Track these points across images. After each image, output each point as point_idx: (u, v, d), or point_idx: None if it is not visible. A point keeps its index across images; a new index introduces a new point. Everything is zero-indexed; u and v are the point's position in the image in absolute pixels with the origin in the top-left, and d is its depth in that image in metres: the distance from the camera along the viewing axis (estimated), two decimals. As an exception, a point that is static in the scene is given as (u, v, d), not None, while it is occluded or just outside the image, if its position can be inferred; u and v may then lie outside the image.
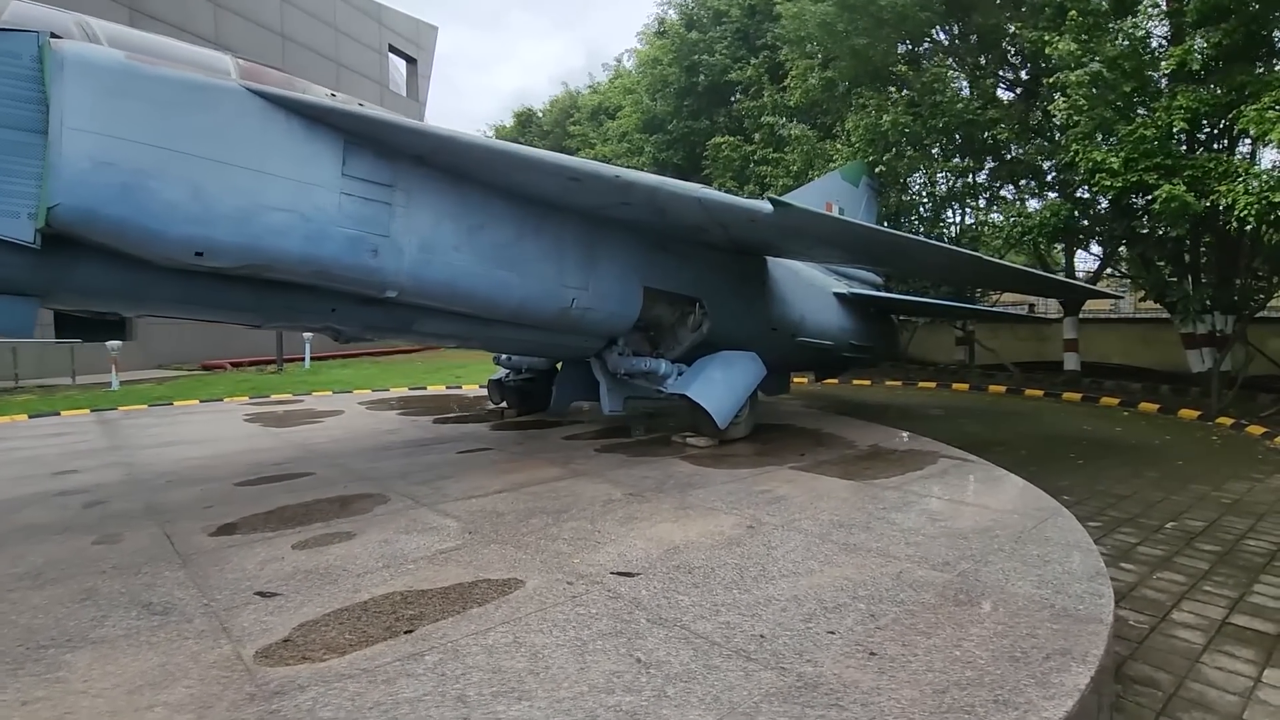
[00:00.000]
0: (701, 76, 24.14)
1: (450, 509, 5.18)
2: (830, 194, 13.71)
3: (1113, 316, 23.26)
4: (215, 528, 4.76)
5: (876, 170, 14.78)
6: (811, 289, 11.13)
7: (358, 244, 5.49)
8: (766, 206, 6.51)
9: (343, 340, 6.76)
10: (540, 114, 47.47)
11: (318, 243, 5.26)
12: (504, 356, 10.05)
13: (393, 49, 35.26)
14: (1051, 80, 12.15)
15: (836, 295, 11.87)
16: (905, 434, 8.68)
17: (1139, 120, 11.31)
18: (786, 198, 14.57)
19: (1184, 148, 12.57)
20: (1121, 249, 16.21)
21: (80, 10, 4.82)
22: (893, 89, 14.35)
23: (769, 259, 9.71)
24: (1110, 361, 19.43)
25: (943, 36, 16.71)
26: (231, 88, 4.87)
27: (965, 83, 16.53)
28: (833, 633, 3.11)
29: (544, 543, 4.40)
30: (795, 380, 17.77)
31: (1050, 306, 24.53)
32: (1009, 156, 15.87)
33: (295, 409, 11.32)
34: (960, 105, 13.47)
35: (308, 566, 3.98)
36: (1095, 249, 17.73)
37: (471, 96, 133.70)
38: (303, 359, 22.72)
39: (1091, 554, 4.20)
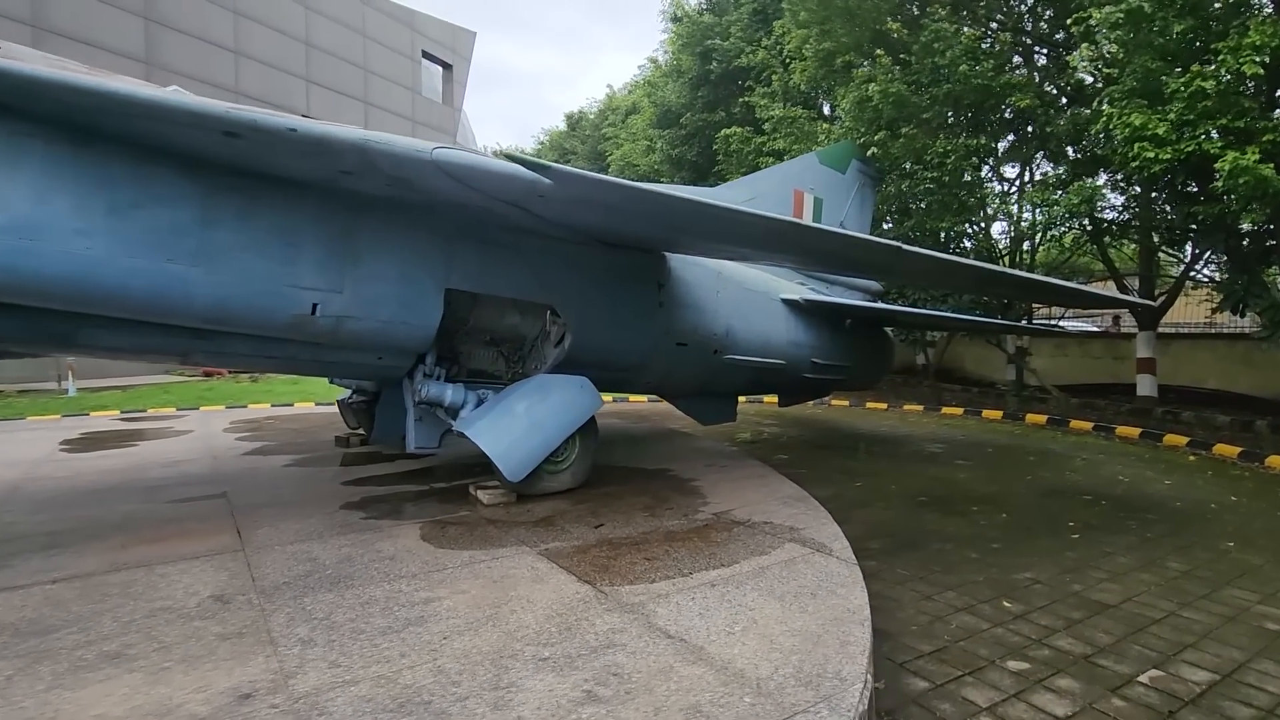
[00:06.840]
0: (715, 63, 22.01)
1: (-89, 616, 3.47)
2: (802, 180, 11.24)
3: (1209, 332, 19.15)
4: None
5: (869, 153, 12.18)
6: (745, 293, 8.86)
7: None
8: (543, 178, 4.51)
9: (-8, 356, 5.26)
10: (590, 116, 46.53)
11: None
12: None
13: (426, 55, 34.87)
14: (1073, 21, 9.25)
15: (786, 302, 9.51)
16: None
17: (1194, 71, 8.36)
18: (726, 184, 12.14)
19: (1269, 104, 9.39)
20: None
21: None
22: (880, 51, 11.69)
23: (671, 255, 7.63)
24: (1205, 386, 15.84)
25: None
26: None
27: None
28: None
29: None
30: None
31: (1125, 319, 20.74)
32: (1049, 132, 12.77)
33: (156, 427, 10.11)
34: (965, 68, 10.68)
35: None
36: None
37: (555, 112, 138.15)
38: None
39: None
